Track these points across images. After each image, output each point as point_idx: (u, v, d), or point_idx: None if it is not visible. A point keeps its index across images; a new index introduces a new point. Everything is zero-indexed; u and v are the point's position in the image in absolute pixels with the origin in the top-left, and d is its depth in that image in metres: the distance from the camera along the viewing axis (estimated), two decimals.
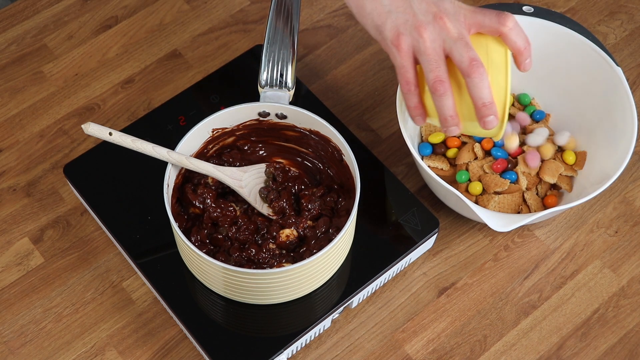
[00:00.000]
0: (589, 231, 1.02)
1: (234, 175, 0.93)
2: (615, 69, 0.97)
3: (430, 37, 0.82)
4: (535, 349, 0.95)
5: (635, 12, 1.18)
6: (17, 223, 1.01)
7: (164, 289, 0.92)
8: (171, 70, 1.13)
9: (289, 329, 0.90)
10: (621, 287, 0.99)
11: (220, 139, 0.96)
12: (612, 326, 0.96)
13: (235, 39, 1.15)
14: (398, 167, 1.06)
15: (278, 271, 0.85)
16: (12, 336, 0.95)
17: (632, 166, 1.06)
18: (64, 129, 1.08)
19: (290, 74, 0.96)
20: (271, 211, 0.94)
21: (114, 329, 0.95)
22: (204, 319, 0.91)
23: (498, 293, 0.98)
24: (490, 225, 0.89)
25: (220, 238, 0.92)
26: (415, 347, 0.95)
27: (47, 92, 1.11)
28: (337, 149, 0.94)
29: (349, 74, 1.13)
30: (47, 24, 1.16)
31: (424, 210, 0.97)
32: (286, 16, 0.96)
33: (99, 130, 0.86)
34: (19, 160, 1.06)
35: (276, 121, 0.96)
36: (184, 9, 1.18)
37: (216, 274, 0.87)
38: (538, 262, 1.00)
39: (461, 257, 1.00)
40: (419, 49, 0.82)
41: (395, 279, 0.98)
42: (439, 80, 0.82)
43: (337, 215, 0.94)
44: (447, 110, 0.83)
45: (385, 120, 1.09)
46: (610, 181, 0.91)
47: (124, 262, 0.99)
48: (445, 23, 0.82)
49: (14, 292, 0.97)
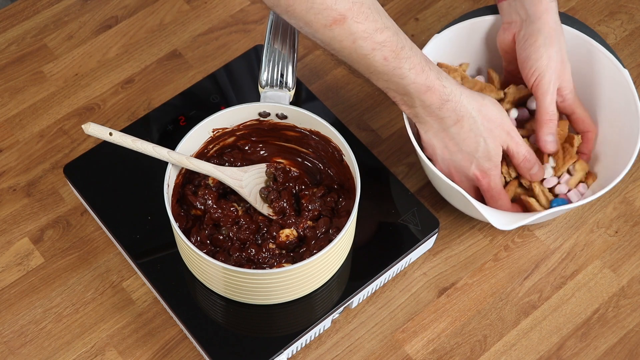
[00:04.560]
0: (589, 231, 1.02)
1: (234, 175, 0.93)
2: (622, 71, 0.97)
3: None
4: (535, 349, 0.95)
5: (635, 12, 1.18)
6: (17, 223, 1.01)
7: (164, 289, 0.92)
8: (171, 70, 1.13)
9: (289, 329, 0.90)
10: (621, 287, 0.99)
11: (221, 139, 0.96)
12: (612, 326, 0.96)
13: (235, 39, 1.15)
14: (398, 167, 1.06)
15: (278, 271, 0.85)
16: (12, 336, 0.95)
17: (633, 166, 1.06)
18: (64, 129, 1.08)
19: (291, 74, 0.96)
20: (271, 211, 0.94)
21: (114, 329, 0.95)
22: (204, 319, 0.91)
23: (498, 293, 0.98)
24: (493, 223, 0.89)
25: (221, 239, 0.92)
26: (415, 347, 0.95)
27: (47, 92, 1.11)
28: (337, 149, 0.94)
29: (349, 74, 1.13)
30: (47, 24, 1.16)
31: (424, 210, 0.97)
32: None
33: (99, 130, 0.86)
34: (19, 160, 1.06)
35: (277, 121, 0.96)
36: (184, 9, 1.17)
37: (216, 274, 0.87)
38: (538, 262, 1.00)
39: (461, 257, 1.00)
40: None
41: (395, 279, 0.98)
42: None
43: (337, 215, 0.94)
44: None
45: (385, 120, 1.09)
46: (613, 183, 0.91)
47: (124, 262, 0.99)
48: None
49: (14, 292, 0.97)
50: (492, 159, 0.93)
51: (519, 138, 0.94)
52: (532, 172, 0.96)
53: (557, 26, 0.96)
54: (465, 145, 0.92)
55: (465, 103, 0.90)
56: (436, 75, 0.89)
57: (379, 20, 0.85)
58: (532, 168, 0.96)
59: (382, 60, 0.86)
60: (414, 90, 0.88)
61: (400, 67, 0.87)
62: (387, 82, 0.89)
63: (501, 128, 0.93)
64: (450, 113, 0.90)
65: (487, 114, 0.92)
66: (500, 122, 0.93)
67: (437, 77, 0.89)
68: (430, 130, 0.93)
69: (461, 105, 0.90)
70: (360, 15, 0.83)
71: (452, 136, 0.92)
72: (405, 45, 0.87)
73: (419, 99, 0.89)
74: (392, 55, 0.86)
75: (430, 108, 0.90)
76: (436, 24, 1.17)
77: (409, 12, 1.18)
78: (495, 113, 0.92)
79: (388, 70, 0.87)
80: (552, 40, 0.95)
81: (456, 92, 0.90)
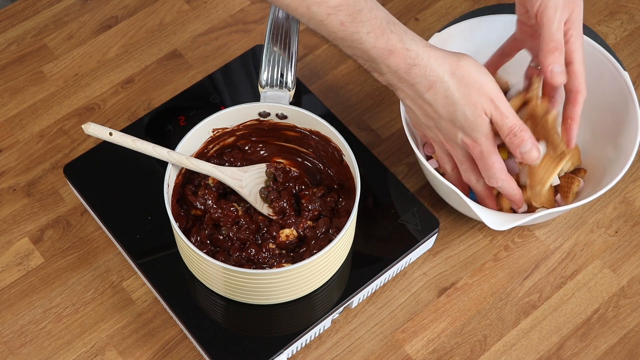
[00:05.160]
0: (589, 231, 1.02)
1: (234, 175, 0.93)
2: (622, 73, 0.97)
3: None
4: (535, 349, 0.95)
5: (635, 12, 1.18)
6: (17, 223, 1.01)
7: (164, 289, 0.92)
8: (171, 70, 1.13)
9: (289, 329, 0.90)
10: (621, 287, 0.99)
11: (221, 139, 0.96)
12: (612, 326, 0.96)
13: (235, 39, 1.15)
14: (398, 167, 1.06)
15: (278, 271, 0.85)
16: (12, 336, 0.95)
17: (632, 166, 1.06)
18: (64, 129, 1.08)
19: (291, 74, 0.96)
20: (271, 211, 0.94)
21: (114, 329, 0.95)
22: (204, 319, 0.91)
23: (498, 293, 0.98)
24: (487, 223, 0.89)
25: (221, 239, 0.92)
26: (415, 347, 0.95)
27: (47, 92, 1.11)
28: (337, 149, 0.94)
29: (349, 74, 1.13)
30: (47, 24, 1.16)
31: (424, 210, 0.97)
32: (286, 16, 0.96)
33: (99, 130, 0.86)
34: (19, 160, 1.06)
35: (277, 121, 0.96)
36: (184, 9, 1.17)
37: (216, 274, 0.87)
38: (538, 262, 1.00)
39: (461, 257, 1.00)
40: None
41: (395, 279, 0.98)
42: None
43: (337, 215, 0.94)
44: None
45: (385, 120, 1.09)
46: (613, 183, 0.91)
47: (124, 262, 0.99)
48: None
49: (14, 292, 0.97)
50: (477, 128, 0.84)
51: (505, 107, 0.84)
52: (522, 150, 0.85)
53: None
54: (444, 112, 0.84)
55: (435, 66, 0.83)
56: (398, 37, 0.82)
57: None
58: (521, 145, 0.84)
59: (339, 25, 0.81)
60: (376, 55, 0.82)
61: (358, 31, 0.81)
62: (350, 47, 0.83)
63: (480, 93, 0.83)
64: (420, 78, 0.83)
65: (464, 77, 0.83)
66: (479, 86, 0.83)
67: (399, 40, 0.82)
68: (406, 97, 0.86)
69: (430, 69, 0.83)
70: None
71: (429, 102, 0.85)
72: (364, 7, 0.81)
73: (384, 64, 0.83)
74: (349, 20, 0.80)
75: (398, 73, 0.83)
76: (436, 24, 1.17)
77: (409, 12, 1.18)
78: (473, 75, 0.83)
79: (346, 35, 0.81)
80: None
81: (423, 55, 0.82)
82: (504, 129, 0.85)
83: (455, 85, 0.83)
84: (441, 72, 0.83)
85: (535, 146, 0.86)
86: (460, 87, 0.83)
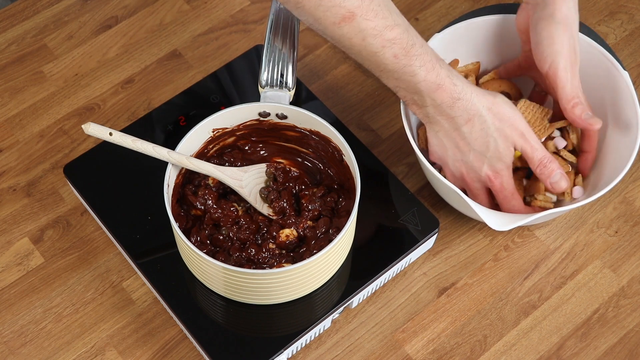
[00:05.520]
0: (589, 231, 1.02)
1: (234, 175, 0.93)
2: (622, 73, 0.97)
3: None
4: (535, 349, 0.95)
5: (635, 12, 1.18)
6: (17, 223, 1.01)
7: (164, 289, 0.92)
8: (171, 70, 1.13)
9: (289, 329, 0.90)
10: (621, 287, 0.99)
11: (221, 139, 0.96)
12: (612, 326, 0.96)
13: (235, 39, 1.15)
14: (398, 167, 1.06)
15: (278, 271, 0.85)
16: (12, 336, 0.95)
17: (632, 166, 1.06)
18: (64, 129, 1.08)
19: (291, 74, 0.96)
20: (271, 211, 0.94)
21: (114, 329, 0.95)
22: (204, 319, 0.91)
23: (498, 293, 0.98)
24: (488, 223, 0.89)
25: (221, 239, 0.92)
26: (415, 347, 0.95)
27: (47, 92, 1.11)
28: (337, 149, 0.94)
29: (349, 74, 1.13)
30: (47, 24, 1.16)
31: (424, 210, 0.97)
32: (286, 16, 0.96)
33: (99, 130, 0.86)
34: (19, 160, 1.06)
35: (277, 121, 0.96)
36: (184, 9, 1.18)
37: (216, 274, 0.87)
38: (538, 262, 1.00)
39: (461, 257, 1.00)
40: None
41: (395, 279, 0.98)
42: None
43: (337, 215, 0.94)
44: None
45: (385, 120, 1.09)
46: (613, 183, 0.91)
47: (124, 262, 0.99)
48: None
49: (14, 292, 0.97)
50: (503, 159, 0.91)
51: (534, 140, 0.91)
52: (552, 181, 0.92)
53: (571, 13, 0.93)
54: (477, 144, 0.91)
55: (476, 102, 0.89)
56: (447, 73, 0.88)
57: (389, 17, 0.84)
58: (550, 175, 0.92)
59: (392, 57, 0.85)
60: (425, 88, 0.87)
61: (411, 64, 0.86)
62: (398, 80, 0.88)
63: (513, 128, 0.90)
64: (461, 112, 0.89)
65: (499, 113, 0.90)
66: (512, 122, 0.90)
67: (447, 75, 0.87)
68: (441, 130, 0.91)
69: (472, 103, 0.89)
70: (369, 13, 0.82)
71: (463, 135, 0.90)
72: (416, 42, 0.86)
73: (430, 98, 0.88)
74: (402, 53, 0.85)
75: (441, 107, 0.89)
76: (436, 24, 1.17)
77: (409, 12, 1.18)
78: (506, 112, 0.90)
79: (398, 68, 0.86)
80: (564, 27, 0.92)
81: (467, 91, 0.89)
82: (534, 161, 0.92)
83: (491, 119, 0.90)
84: (480, 107, 0.89)
85: (564, 177, 0.92)
86: (495, 121, 0.90)
